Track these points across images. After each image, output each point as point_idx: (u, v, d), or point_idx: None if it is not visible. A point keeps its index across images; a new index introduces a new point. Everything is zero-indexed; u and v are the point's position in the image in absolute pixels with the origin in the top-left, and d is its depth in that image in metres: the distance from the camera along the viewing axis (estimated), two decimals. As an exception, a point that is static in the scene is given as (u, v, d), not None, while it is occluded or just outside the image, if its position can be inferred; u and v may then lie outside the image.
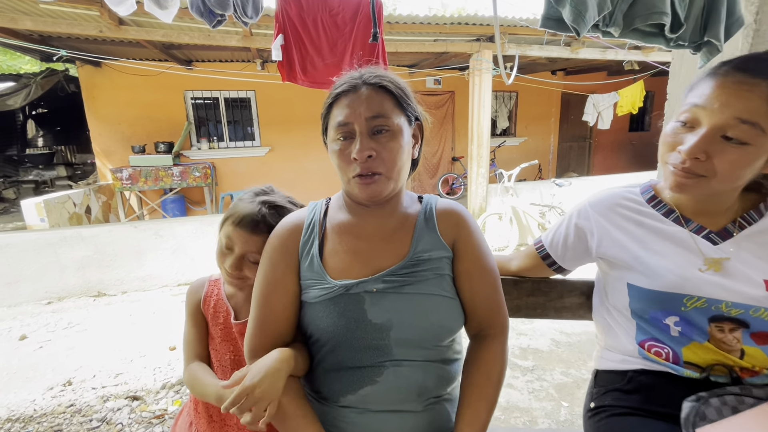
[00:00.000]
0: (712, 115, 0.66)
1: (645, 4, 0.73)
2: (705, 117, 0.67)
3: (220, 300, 0.93)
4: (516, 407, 1.90)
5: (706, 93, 0.67)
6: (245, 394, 0.64)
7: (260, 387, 0.64)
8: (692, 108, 0.69)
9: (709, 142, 0.66)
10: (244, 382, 0.65)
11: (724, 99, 0.65)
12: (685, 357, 0.77)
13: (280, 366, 0.68)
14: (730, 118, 0.64)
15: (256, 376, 0.65)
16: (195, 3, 1.37)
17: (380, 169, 0.71)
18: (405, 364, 0.72)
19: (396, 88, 0.74)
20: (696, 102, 0.68)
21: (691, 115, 0.69)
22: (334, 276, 0.75)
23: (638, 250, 0.80)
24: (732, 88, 0.65)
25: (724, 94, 0.65)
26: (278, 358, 0.69)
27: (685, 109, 0.70)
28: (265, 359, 0.69)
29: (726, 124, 0.64)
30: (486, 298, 0.79)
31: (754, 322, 0.71)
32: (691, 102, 0.70)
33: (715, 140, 0.66)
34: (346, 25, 1.91)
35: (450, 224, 0.80)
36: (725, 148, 0.65)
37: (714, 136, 0.66)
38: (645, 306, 0.79)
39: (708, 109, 0.66)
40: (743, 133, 0.64)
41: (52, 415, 1.92)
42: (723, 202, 0.75)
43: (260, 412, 0.64)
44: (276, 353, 0.70)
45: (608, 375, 0.88)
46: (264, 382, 0.65)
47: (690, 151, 0.67)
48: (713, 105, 0.66)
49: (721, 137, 0.65)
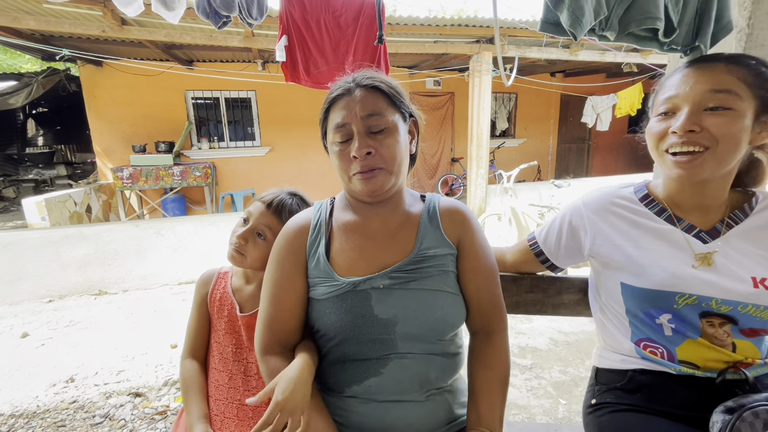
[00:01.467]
0: (688, 96, 0.72)
1: (640, 9, 0.76)
2: (682, 101, 0.72)
3: (226, 293, 0.96)
4: (515, 404, 1.92)
5: (675, 83, 0.74)
6: (279, 409, 0.63)
7: (293, 399, 0.65)
8: (668, 99, 0.74)
9: (696, 116, 0.71)
10: (276, 397, 0.64)
11: (693, 80, 0.72)
12: (679, 356, 0.79)
13: (306, 376, 0.70)
14: (705, 92, 0.70)
15: (287, 388, 0.65)
16: (201, 4, 1.39)
17: (380, 164, 0.74)
18: (409, 357, 0.75)
19: (388, 87, 0.77)
20: (670, 94, 0.74)
21: (670, 105, 0.74)
22: (341, 273, 0.77)
23: (631, 248, 0.82)
24: (696, 71, 0.73)
25: (692, 78, 0.72)
26: (302, 367, 0.70)
27: (661, 103, 0.75)
28: (290, 370, 0.69)
29: (703, 98, 0.70)
30: (490, 294, 0.81)
31: (743, 319, 0.74)
32: (665, 96, 0.75)
33: (701, 114, 0.71)
34: (348, 27, 1.95)
35: (455, 223, 0.82)
36: (713, 117, 0.70)
37: (698, 111, 0.71)
38: (638, 304, 0.81)
39: (682, 94, 0.72)
40: (722, 100, 0.69)
41: (55, 411, 1.94)
42: (717, 194, 0.78)
43: (297, 424, 0.65)
44: (299, 361, 0.71)
45: (609, 374, 0.90)
46: (296, 393, 0.65)
47: (683, 125, 0.71)
48: (686, 89, 0.72)
49: (704, 110, 0.70)
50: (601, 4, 0.75)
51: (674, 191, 0.81)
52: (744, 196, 0.81)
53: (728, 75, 0.70)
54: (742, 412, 0.69)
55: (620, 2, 0.76)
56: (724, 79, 0.70)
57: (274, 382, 0.67)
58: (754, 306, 0.72)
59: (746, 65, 0.71)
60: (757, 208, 0.78)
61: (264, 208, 0.94)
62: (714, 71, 0.71)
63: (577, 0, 0.72)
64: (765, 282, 0.73)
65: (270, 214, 0.93)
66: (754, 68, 0.71)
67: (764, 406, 0.69)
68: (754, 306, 0.72)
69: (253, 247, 0.92)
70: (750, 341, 0.76)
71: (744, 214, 0.78)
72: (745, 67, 0.71)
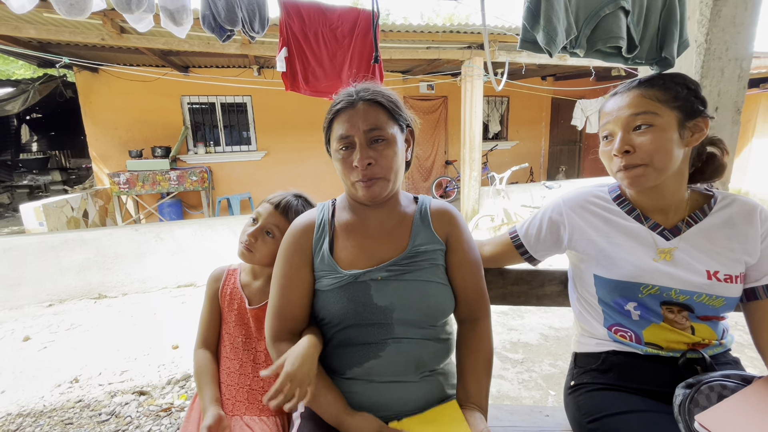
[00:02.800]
0: (618, 121, 0.85)
1: (605, 30, 0.87)
2: (614, 125, 0.86)
3: (236, 288, 1.04)
4: (506, 396, 2.01)
5: (607, 110, 0.88)
6: (289, 379, 0.71)
7: (301, 371, 0.72)
8: (605, 125, 0.88)
9: (627, 137, 0.83)
10: (286, 369, 0.72)
11: (618, 107, 0.86)
12: (645, 338, 0.89)
13: (313, 351, 0.78)
14: (628, 116, 0.83)
15: (296, 362, 0.73)
16: (207, 19, 1.47)
17: (379, 174, 0.83)
18: (405, 341, 0.83)
19: (388, 102, 0.85)
20: (606, 120, 0.88)
21: (607, 131, 0.88)
22: (343, 267, 0.86)
23: (603, 243, 0.92)
24: (621, 99, 0.86)
25: (617, 104, 0.86)
26: (309, 344, 0.78)
27: (601, 128, 0.89)
28: (298, 347, 0.77)
29: (629, 121, 0.83)
30: (474, 285, 0.91)
31: (698, 307, 0.84)
32: (603, 122, 0.89)
33: (631, 134, 0.83)
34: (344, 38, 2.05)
35: (443, 222, 0.92)
36: (640, 136, 0.82)
37: (627, 132, 0.83)
38: (608, 294, 0.91)
39: (613, 120, 0.86)
40: (644, 119, 0.82)
41: (62, 410, 1.99)
42: (673, 194, 0.88)
43: (303, 394, 0.73)
44: (306, 340, 0.80)
45: (585, 357, 1.00)
46: (303, 366, 0.73)
47: (618, 148, 0.83)
48: (615, 115, 0.86)
49: (633, 130, 0.83)
50: (571, 25, 0.85)
51: (637, 194, 0.91)
52: (704, 198, 0.90)
53: (643, 98, 0.83)
54: (700, 386, 0.80)
55: (587, 23, 0.87)
56: (640, 102, 0.83)
57: (283, 357, 0.75)
58: (708, 295, 0.83)
59: (657, 86, 0.83)
60: (715, 209, 0.88)
61: (272, 209, 1.03)
62: (632, 97, 0.84)
63: (550, 22, 0.82)
64: (717, 275, 0.83)
65: (278, 214, 1.02)
66: (662, 87, 0.83)
67: (718, 381, 0.79)
68: (708, 295, 0.83)
69: (262, 244, 1.00)
70: (707, 324, 0.86)
71: (703, 213, 0.88)
72: (654, 88, 0.83)
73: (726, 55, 1.08)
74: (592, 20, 0.87)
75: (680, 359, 0.87)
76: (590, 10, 0.87)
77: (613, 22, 0.86)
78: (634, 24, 0.88)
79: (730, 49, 1.07)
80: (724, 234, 0.85)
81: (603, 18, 0.87)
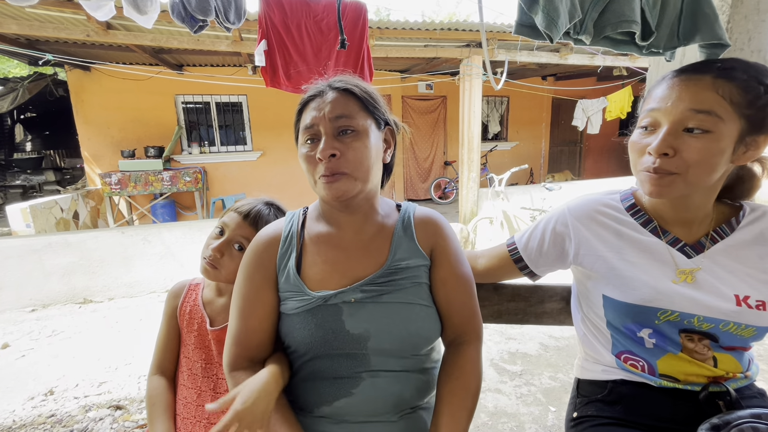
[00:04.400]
0: (668, 113, 0.68)
1: (614, 13, 0.74)
2: (663, 117, 0.69)
3: (196, 306, 0.92)
4: (503, 412, 1.89)
5: (659, 96, 0.70)
6: (237, 419, 0.59)
7: (253, 410, 0.61)
8: (650, 112, 0.71)
9: (673, 137, 0.67)
10: (235, 406, 0.60)
11: (676, 96, 0.68)
12: (660, 369, 0.77)
13: (272, 387, 0.66)
14: (685, 110, 0.66)
15: (248, 398, 0.62)
16: (176, 8, 1.36)
17: (344, 168, 0.70)
18: (382, 374, 0.72)
19: (362, 92, 0.74)
20: (652, 106, 0.71)
21: (651, 119, 0.71)
22: (312, 287, 0.74)
23: (614, 260, 0.79)
24: (681, 85, 0.68)
25: (675, 92, 0.68)
26: (268, 378, 0.66)
27: (644, 115, 0.72)
28: (254, 380, 0.65)
29: (683, 117, 0.67)
30: (461, 305, 0.78)
31: (723, 336, 0.72)
32: (648, 108, 0.72)
33: (678, 134, 0.67)
34: (330, 31, 1.92)
35: (428, 232, 0.80)
36: (689, 140, 0.66)
37: (676, 130, 0.67)
38: (619, 318, 0.78)
39: (663, 109, 0.69)
40: (701, 121, 0.65)
41: (31, 426, 1.88)
42: (700, 207, 0.75)
43: None
44: (265, 372, 0.68)
45: (589, 385, 0.88)
46: (257, 404, 0.62)
47: (658, 147, 0.68)
48: (667, 104, 0.68)
49: (683, 131, 0.67)
50: (575, 6, 0.73)
51: (656, 203, 0.78)
52: (731, 210, 0.78)
53: (713, 92, 0.65)
54: (728, 430, 0.68)
55: (595, 5, 0.74)
56: (707, 97, 0.65)
57: (235, 391, 0.63)
58: (736, 324, 0.70)
59: (737, 80, 0.65)
60: (743, 223, 0.75)
61: (240, 219, 0.91)
62: (699, 86, 0.66)
63: (551, 1, 0.70)
64: (748, 300, 0.70)
65: (247, 225, 0.90)
66: (744, 84, 0.65)
67: (749, 423, 0.68)
68: (736, 324, 0.70)
69: (229, 259, 0.88)
70: (731, 354, 0.74)
71: (730, 228, 0.76)
72: (734, 83, 0.65)
73: (748, 46, 0.96)
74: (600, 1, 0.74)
75: (701, 393, 0.75)
76: (597, -11, 0.74)
77: (625, 3, 0.73)
78: (649, 6, 0.76)
79: (753, 39, 0.95)
80: (756, 252, 0.73)
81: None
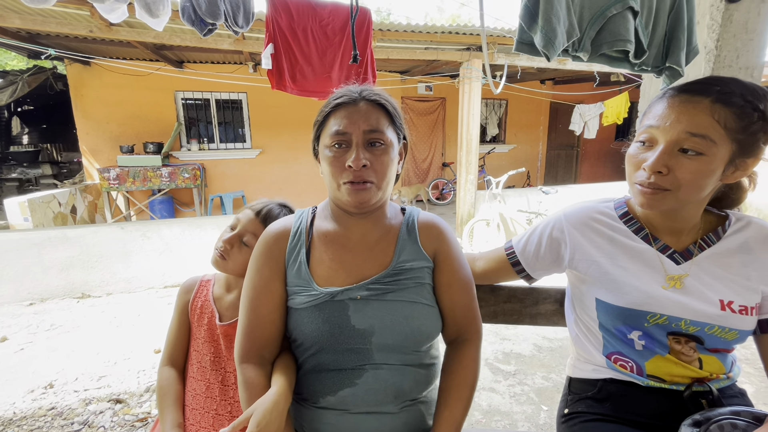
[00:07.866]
0: (666, 133, 0.72)
1: (611, 32, 0.79)
2: (660, 135, 0.73)
3: (207, 301, 0.96)
4: (497, 411, 1.94)
5: (658, 113, 0.74)
6: None
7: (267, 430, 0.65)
8: (648, 128, 0.75)
9: (668, 157, 0.71)
10: (250, 429, 0.64)
11: (674, 117, 0.71)
12: (648, 370, 0.81)
13: (283, 405, 0.69)
14: (681, 132, 0.70)
15: (262, 421, 0.65)
16: (186, 11, 1.39)
17: (372, 178, 0.75)
18: (384, 367, 0.76)
19: (391, 107, 0.79)
20: (651, 123, 0.74)
21: (648, 135, 0.75)
22: (320, 283, 0.77)
23: (607, 265, 0.84)
24: (679, 107, 0.71)
25: (674, 113, 0.71)
26: (279, 396, 0.69)
27: (642, 130, 0.76)
28: (265, 399, 0.68)
29: (679, 138, 0.70)
30: (464, 307, 0.83)
31: (708, 339, 0.77)
32: (646, 124, 0.76)
33: (673, 154, 0.71)
34: (335, 35, 1.96)
35: (431, 237, 0.84)
36: (683, 160, 0.70)
37: (671, 150, 0.71)
38: (611, 320, 0.83)
39: (662, 128, 0.72)
40: (696, 144, 0.69)
41: (32, 418, 1.90)
42: (689, 218, 0.80)
43: None
44: (275, 390, 0.70)
45: (581, 383, 0.93)
46: (270, 426, 0.65)
47: (653, 165, 0.72)
48: (665, 123, 0.72)
49: (678, 151, 0.71)
50: (573, 26, 0.78)
51: (648, 213, 0.83)
52: (718, 219, 0.83)
53: (709, 117, 0.68)
54: (709, 425, 0.72)
55: (592, 25, 0.79)
56: (703, 121, 0.68)
57: (250, 411, 0.66)
58: (720, 327, 0.75)
59: (734, 105, 0.68)
60: (729, 232, 0.80)
61: (253, 216, 0.96)
62: (697, 109, 0.69)
63: (549, 22, 0.74)
64: (732, 305, 0.75)
65: (257, 221, 0.96)
66: (740, 111, 0.68)
67: (728, 419, 0.72)
68: (720, 327, 0.75)
69: (237, 252, 0.94)
70: (715, 356, 0.79)
71: (717, 237, 0.80)
72: (731, 108, 0.68)
73: (737, 63, 1.01)
74: (597, 21, 0.78)
75: (685, 391, 0.79)
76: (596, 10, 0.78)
77: (621, 23, 0.78)
78: (642, 26, 0.80)
79: (741, 56, 1.00)
80: (740, 260, 0.77)
81: (609, 19, 0.78)
